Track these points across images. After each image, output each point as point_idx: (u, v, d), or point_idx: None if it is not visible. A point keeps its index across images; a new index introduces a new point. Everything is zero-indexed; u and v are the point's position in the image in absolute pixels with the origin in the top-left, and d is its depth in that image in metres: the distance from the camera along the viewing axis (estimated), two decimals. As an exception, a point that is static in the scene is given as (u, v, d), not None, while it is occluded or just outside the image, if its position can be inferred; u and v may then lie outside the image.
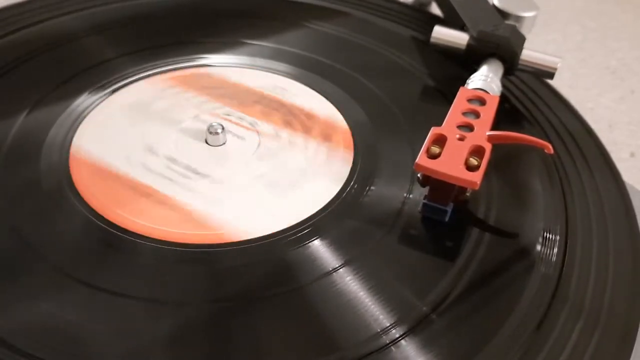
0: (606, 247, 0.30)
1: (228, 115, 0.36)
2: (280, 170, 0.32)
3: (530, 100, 0.39)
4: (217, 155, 0.33)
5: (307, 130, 0.35)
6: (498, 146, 0.31)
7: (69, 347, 0.24)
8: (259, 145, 0.34)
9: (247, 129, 0.35)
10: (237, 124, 0.35)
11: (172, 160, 0.33)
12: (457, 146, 0.29)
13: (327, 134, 0.35)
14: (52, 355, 0.24)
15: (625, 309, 0.27)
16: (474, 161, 0.28)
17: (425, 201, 0.30)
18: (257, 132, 0.35)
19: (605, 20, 0.74)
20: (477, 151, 0.29)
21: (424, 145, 0.29)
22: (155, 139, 0.34)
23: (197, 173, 0.32)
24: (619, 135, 0.58)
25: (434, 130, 0.30)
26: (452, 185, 0.28)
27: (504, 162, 0.34)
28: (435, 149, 0.29)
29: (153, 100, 0.37)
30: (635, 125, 0.59)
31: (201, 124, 0.35)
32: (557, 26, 0.73)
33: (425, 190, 0.30)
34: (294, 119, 0.36)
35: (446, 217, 0.30)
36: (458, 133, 0.30)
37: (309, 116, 0.36)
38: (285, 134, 0.35)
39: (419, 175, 0.29)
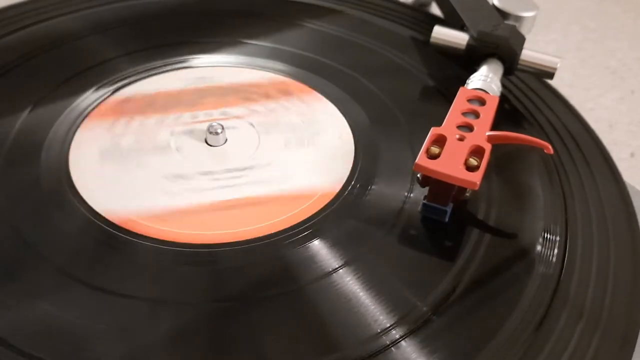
0: (606, 247, 0.30)
1: (224, 114, 0.36)
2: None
3: (530, 100, 0.39)
4: (225, 150, 0.33)
5: (286, 94, 0.36)
6: (498, 146, 0.31)
7: (69, 347, 0.24)
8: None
9: (238, 117, 0.35)
10: (236, 120, 0.35)
11: (206, 173, 0.32)
12: (457, 146, 0.29)
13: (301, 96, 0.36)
14: (52, 355, 0.24)
15: (625, 310, 0.27)
16: (473, 161, 0.28)
17: (424, 201, 0.30)
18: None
19: (605, 20, 0.74)
20: (477, 151, 0.29)
21: (423, 146, 0.29)
22: (167, 166, 0.32)
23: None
24: (619, 136, 0.58)
25: (433, 131, 0.30)
26: (451, 186, 0.28)
27: (504, 162, 0.34)
28: (435, 149, 0.29)
29: (118, 141, 0.34)
30: (635, 126, 0.59)
31: (186, 134, 0.34)
32: (557, 26, 0.73)
33: (425, 191, 0.30)
34: (278, 94, 0.37)
35: (446, 217, 0.30)
36: (458, 133, 0.30)
37: (301, 90, 0.37)
38: (271, 104, 0.35)
39: (418, 175, 0.29)
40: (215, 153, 0.33)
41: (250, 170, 0.32)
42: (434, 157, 0.29)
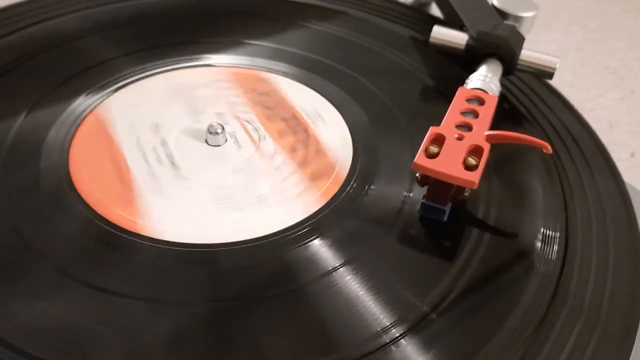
0: (606, 247, 0.30)
1: (248, 122, 0.35)
2: (242, 189, 0.31)
3: (530, 100, 0.39)
4: (205, 154, 0.33)
5: (301, 165, 0.33)
6: (498, 146, 0.31)
7: (69, 347, 0.24)
8: (247, 159, 0.33)
9: (252, 140, 0.34)
10: (248, 132, 0.35)
11: (164, 144, 0.33)
12: (456, 146, 0.29)
13: (317, 175, 0.32)
14: (52, 355, 0.24)
15: (624, 309, 0.27)
16: (472, 161, 0.28)
17: (423, 200, 0.30)
18: (257, 147, 0.34)
19: (605, 20, 0.74)
20: (476, 151, 0.29)
21: (422, 145, 0.29)
22: (169, 120, 0.35)
23: (172, 163, 0.32)
24: (619, 136, 0.58)
25: (432, 130, 0.30)
26: (450, 185, 0.28)
27: (504, 162, 0.34)
28: (434, 149, 0.29)
29: (199, 86, 0.38)
30: (635, 126, 0.59)
31: (218, 120, 0.35)
32: (557, 26, 0.73)
33: (424, 190, 0.30)
34: (303, 149, 0.34)
35: (444, 217, 0.30)
36: (457, 133, 0.30)
37: (319, 152, 0.34)
38: (279, 160, 0.33)
39: (417, 174, 0.29)
40: (198, 144, 0.34)
41: (172, 168, 0.32)
42: (432, 156, 0.29)
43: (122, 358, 0.24)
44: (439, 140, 0.29)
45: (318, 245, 0.28)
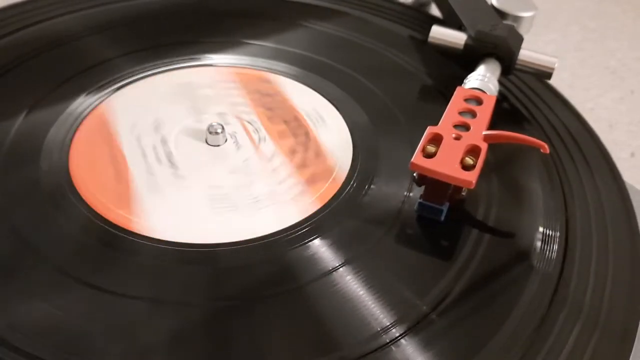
0: (606, 247, 0.30)
1: (249, 122, 0.35)
2: (239, 189, 0.31)
3: (530, 100, 0.39)
4: (203, 153, 0.33)
5: (299, 167, 0.33)
6: (498, 146, 0.31)
7: (69, 347, 0.24)
8: (245, 160, 0.33)
9: (252, 141, 0.34)
10: (248, 133, 0.35)
11: (164, 142, 0.34)
12: (453, 145, 0.29)
13: (314, 179, 0.32)
14: (52, 355, 0.24)
15: (624, 309, 0.27)
16: (469, 160, 0.28)
17: (421, 200, 0.30)
18: (256, 149, 0.34)
19: (605, 20, 0.74)
20: (473, 150, 0.29)
21: (419, 145, 0.29)
22: (170, 118, 0.35)
23: (171, 162, 0.32)
24: (619, 135, 0.58)
25: (429, 130, 0.30)
26: (447, 185, 0.28)
27: (504, 162, 0.34)
28: (431, 148, 0.29)
29: (202, 86, 0.38)
30: (635, 126, 0.59)
31: (219, 120, 0.35)
32: (556, 26, 0.73)
33: (423, 190, 0.30)
34: (303, 151, 0.34)
35: (442, 217, 0.30)
36: (454, 132, 0.30)
37: (318, 155, 0.34)
38: (278, 161, 0.33)
39: (414, 174, 0.29)
40: (197, 143, 0.34)
41: (170, 167, 0.32)
42: (430, 156, 0.29)
43: (122, 358, 0.24)
44: (436, 140, 0.29)
45: (318, 245, 0.28)
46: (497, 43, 0.37)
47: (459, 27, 0.40)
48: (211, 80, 0.38)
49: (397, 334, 0.25)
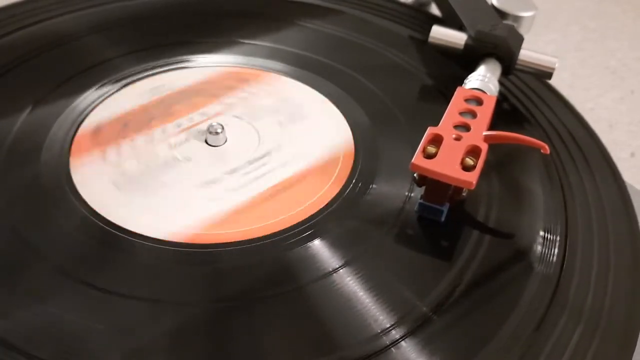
0: (606, 248, 0.30)
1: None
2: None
3: (530, 100, 0.39)
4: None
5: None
6: (498, 146, 0.31)
7: (69, 347, 0.24)
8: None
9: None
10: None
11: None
12: (453, 146, 0.29)
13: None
14: (52, 355, 0.24)
15: (625, 310, 0.27)
16: (470, 161, 0.28)
17: (421, 201, 0.30)
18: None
19: (605, 20, 0.74)
20: (474, 151, 0.29)
21: (420, 145, 0.29)
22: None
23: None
24: (619, 135, 0.58)
25: (430, 130, 0.30)
26: (447, 185, 0.28)
27: (504, 162, 0.34)
28: (432, 149, 0.29)
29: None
30: (636, 126, 0.59)
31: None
32: (556, 26, 0.73)
33: (424, 190, 0.30)
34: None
35: (442, 217, 0.30)
36: (454, 133, 0.30)
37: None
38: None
39: (415, 175, 0.29)
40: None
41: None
42: (430, 156, 0.29)
43: (122, 358, 0.24)
44: (436, 140, 0.29)
45: (318, 246, 0.28)
46: (497, 43, 0.37)
47: (459, 27, 0.40)
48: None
49: (397, 335, 0.25)
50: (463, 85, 0.35)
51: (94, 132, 0.34)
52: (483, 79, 0.35)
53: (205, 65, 0.39)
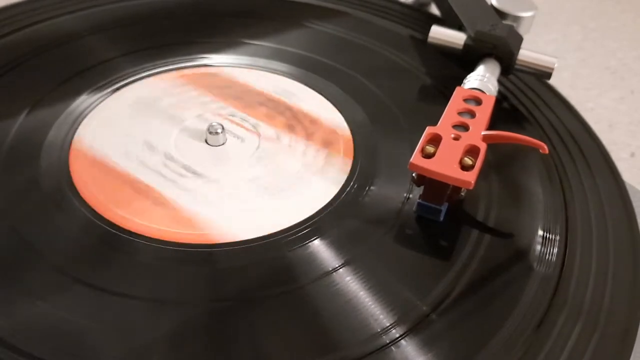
0: (606, 248, 0.30)
1: (232, 115, 0.36)
2: (276, 174, 0.32)
3: (530, 100, 0.39)
4: (215, 155, 0.33)
5: (309, 136, 0.35)
6: (498, 146, 0.31)
7: (69, 347, 0.24)
8: (257, 147, 0.34)
9: (248, 130, 0.35)
10: (239, 125, 0.35)
11: (170, 157, 0.33)
12: (452, 146, 0.29)
13: (328, 141, 0.34)
14: (52, 355, 0.24)
15: (625, 310, 0.27)
16: (468, 161, 0.28)
17: (419, 200, 0.30)
18: (258, 134, 0.35)
19: (605, 20, 0.74)
20: (472, 151, 0.29)
21: (418, 145, 0.29)
22: (156, 135, 0.34)
23: (193, 172, 0.32)
24: (619, 135, 0.58)
25: (428, 130, 0.30)
26: (446, 185, 0.28)
27: (504, 162, 0.34)
28: (430, 149, 0.29)
29: (160, 96, 0.37)
30: (636, 125, 0.59)
31: (204, 123, 0.35)
32: (557, 26, 0.73)
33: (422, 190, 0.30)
34: (298, 123, 0.35)
35: (440, 217, 0.30)
36: (453, 133, 0.30)
37: (313, 121, 0.36)
38: (286, 138, 0.34)
39: (413, 174, 0.29)
40: (200, 147, 0.34)
41: (196, 176, 0.32)
42: (428, 156, 0.29)
43: (122, 358, 0.24)
44: (435, 140, 0.29)
45: (318, 246, 0.28)
46: (497, 43, 0.37)
47: (459, 27, 0.40)
48: (163, 88, 0.38)
49: (397, 334, 0.25)
50: (462, 85, 0.35)
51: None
52: (482, 78, 0.35)
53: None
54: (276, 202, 0.30)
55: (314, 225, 0.29)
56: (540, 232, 0.30)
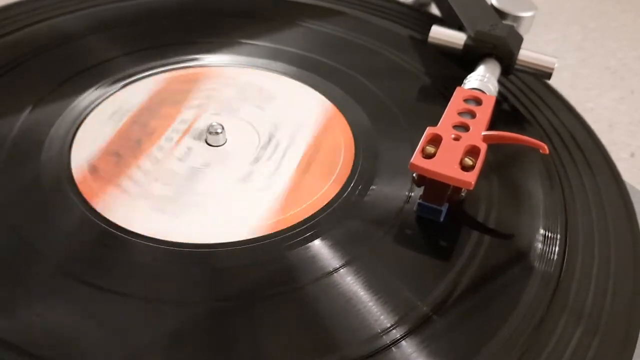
0: (606, 248, 0.30)
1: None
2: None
3: (530, 100, 0.39)
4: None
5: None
6: (498, 146, 0.31)
7: (69, 347, 0.24)
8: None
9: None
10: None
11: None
12: (452, 146, 0.29)
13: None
14: (52, 355, 0.24)
15: (626, 310, 0.27)
16: (469, 161, 0.28)
17: (420, 201, 0.30)
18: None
19: (605, 20, 0.74)
20: (473, 151, 0.29)
21: (419, 145, 0.29)
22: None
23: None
24: (619, 135, 0.58)
25: (429, 130, 0.30)
26: (446, 185, 0.28)
27: (504, 162, 0.34)
28: (430, 149, 0.29)
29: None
30: (636, 126, 0.59)
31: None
32: (557, 26, 0.73)
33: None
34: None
35: (441, 217, 0.30)
36: (453, 133, 0.30)
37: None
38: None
39: (414, 175, 0.29)
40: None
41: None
42: (429, 156, 0.29)
43: (122, 358, 0.24)
44: (435, 140, 0.29)
45: (318, 246, 0.28)
46: (497, 43, 0.37)
47: (459, 27, 0.40)
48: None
49: (398, 335, 0.25)
50: (462, 85, 0.35)
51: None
52: (482, 79, 0.35)
53: (207, 66, 0.40)
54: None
55: (315, 225, 0.29)
56: (541, 232, 0.30)
